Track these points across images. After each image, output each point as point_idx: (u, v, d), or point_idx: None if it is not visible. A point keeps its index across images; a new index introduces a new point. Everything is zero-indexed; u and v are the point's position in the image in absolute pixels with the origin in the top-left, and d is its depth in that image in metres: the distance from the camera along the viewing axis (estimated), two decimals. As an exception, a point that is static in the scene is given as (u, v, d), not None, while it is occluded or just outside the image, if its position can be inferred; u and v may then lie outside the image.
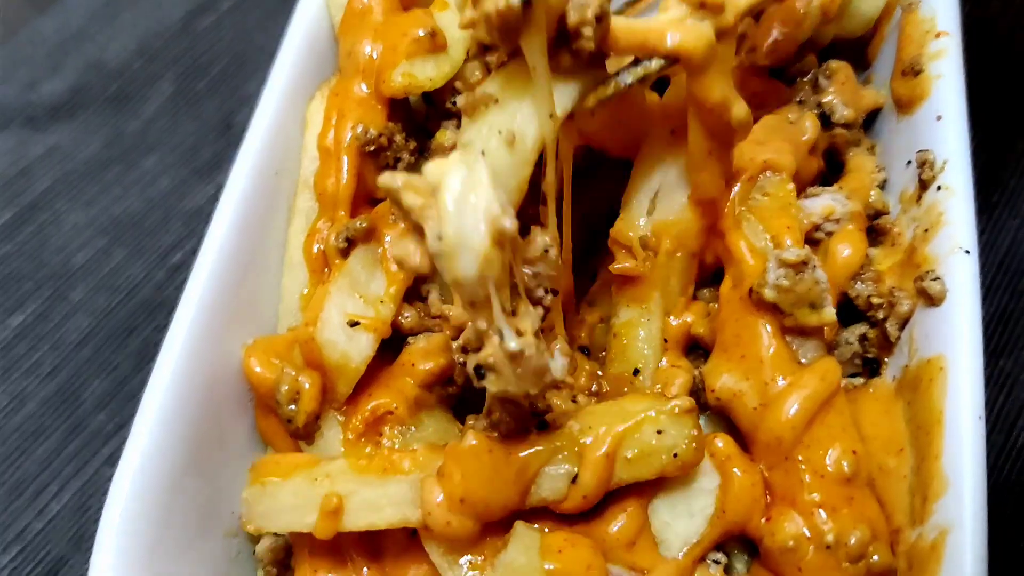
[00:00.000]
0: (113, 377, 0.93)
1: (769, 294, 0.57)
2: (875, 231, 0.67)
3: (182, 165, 1.06)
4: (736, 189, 0.62)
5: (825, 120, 0.69)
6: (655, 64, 0.56)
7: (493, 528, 0.55)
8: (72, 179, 1.05)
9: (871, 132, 0.75)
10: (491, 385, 0.49)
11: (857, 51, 0.78)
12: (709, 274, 0.65)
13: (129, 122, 1.08)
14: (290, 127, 0.71)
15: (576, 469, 0.55)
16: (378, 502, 0.56)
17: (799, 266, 0.56)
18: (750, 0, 0.57)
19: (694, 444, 0.55)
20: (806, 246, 0.59)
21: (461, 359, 0.51)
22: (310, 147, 0.70)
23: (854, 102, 0.71)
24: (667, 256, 0.63)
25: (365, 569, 0.58)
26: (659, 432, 0.56)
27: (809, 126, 0.66)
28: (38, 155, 1.07)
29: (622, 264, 0.63)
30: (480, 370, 0.49)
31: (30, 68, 1.13)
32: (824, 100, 0.69)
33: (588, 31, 0.51)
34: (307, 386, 0.59)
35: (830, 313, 0.57)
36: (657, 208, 0.63)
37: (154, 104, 1.10)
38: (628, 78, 0.56)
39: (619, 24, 0.54)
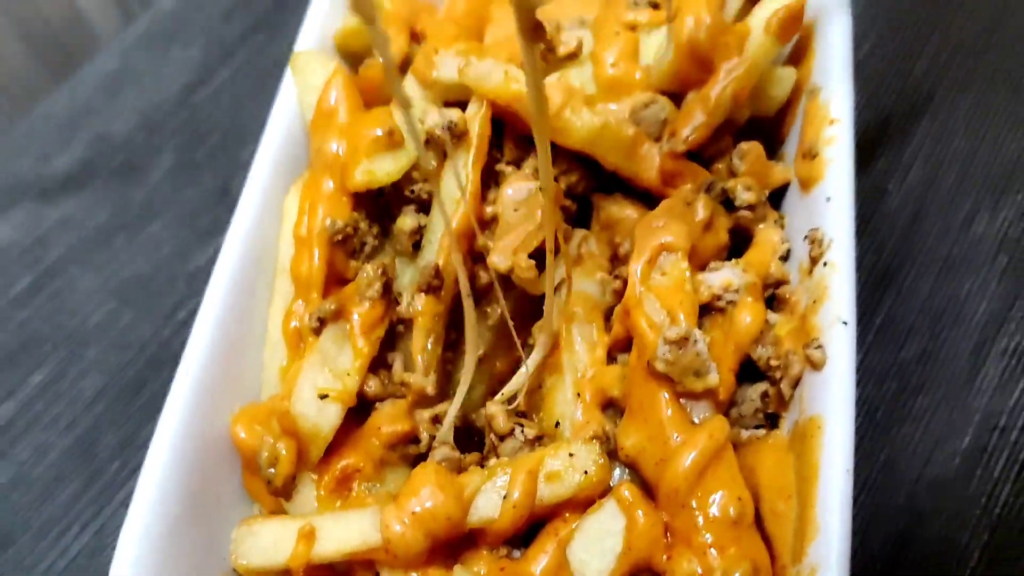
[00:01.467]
0: (125, 429, 1.03)
1: (660, 366, 0.66)
2: (777, 299, 0.77)
3: (184, 229, 1.15)
4: (639, 270, 0.71)
5: (729, 204, 0.78)
6: None
7: (440, 560, 0.65)
8: (84, 246, 1.15)
9: (783, 204, 0.84)
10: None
11: (773, 128, 0.87)
12: (628, 343, 0.75)
13: (134, 191, 1.19)
14: (269, 218, 0.81)
15: (507, 489, 0.66)
16: (345, 530, 0.67)
17: (682, 342, 0.66)
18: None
19: (601, 462, 0.67)
20: (686, 325, 0.68)
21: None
22: (286, 236, 0.80)
23: (762, 180, 0.80)
24: (573, 327, 0.73)
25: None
26: (571, 455, 0.68)
27: (701, 208, 0.76)
28: (52, 225, 1.17)
29: (540, 339, 0.74)
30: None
31: (42, 143, 1.23)
32: (728, 186, 0.78)
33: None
34: (284, 452, 0.69)
35: (714, 379, 0.67)
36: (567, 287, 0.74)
37: (157, 174, 1.20)
38: None
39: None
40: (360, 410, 0.75)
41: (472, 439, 0.80)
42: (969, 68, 1.11)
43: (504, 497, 0.66)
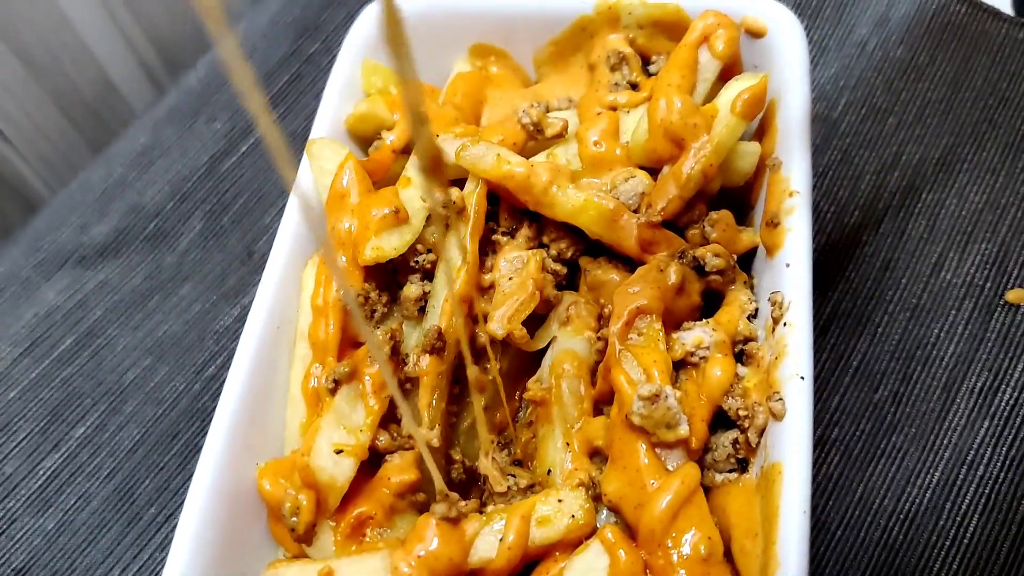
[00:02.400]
0: (161, 476, 1.11)
1: (636, 419, 0.75)
2: (745, 354, 0.85)
3: (212, 291, 1.25)
4: (617, 331, 0.80)
5: (701, 269, 0.87)
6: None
7: None
8: (120, 308, 1.25)
9: (753, 266, 0.92)
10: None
11: (742, 196, 0.96)
12: (611, 396, 0.83)
13: (166, 256, 1.28)
14: (288, 289, 0.90)
15: (503, 533, 0.75)
16: (359, 572, 0.75)
17: (654, 398, 0.74)
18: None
19: (587, 507, 0.76)
20: (657, 382, 0.76)
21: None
22: (305, 305, 0.89)
23: (731, 246, 0.89)
24: (562, 382, 0.82)
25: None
26: (560, 500, 0.76)
27: (673, 274, 0.84)
28: (91, 289, 1.26)
29: (532, 391, 0.83)
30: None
31: (81, 214, 1.33)
32: (698, 254, 0.87)
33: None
34: (304, 502, 0.78)
35: (684, 430, 0.75)
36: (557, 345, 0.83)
37: (186, 239, 1.30)
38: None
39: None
40: (372, 462, 0.84)
41: (475, 483, 0.89)
42: (937, 124, 1.19)
43: (500, 540, 0.74)
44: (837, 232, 1.14)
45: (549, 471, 0.83)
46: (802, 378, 0.76)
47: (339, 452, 0.79)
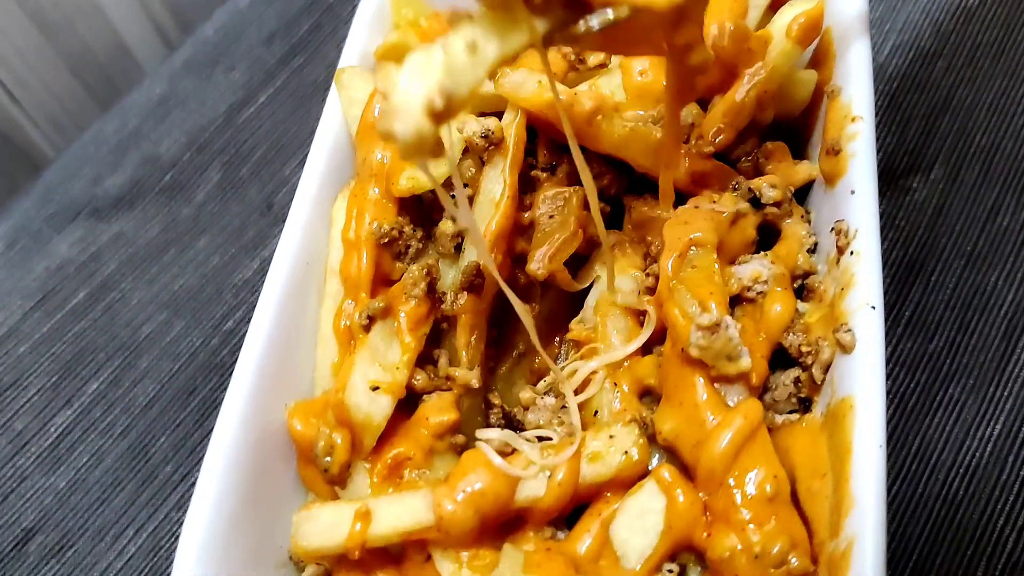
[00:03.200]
0: (177, 434, 1.07)
1: (694, 352, 0.69)
2: (806, 289, 0.80)
3: (230, 244, 1.20)
4: (670, 265, 0.75)
5: (756, 202, 0.81)
6: (623, 12, 0.61)
7: (488, 540, 0.69)
8: (135, 261, 1.21)
9: (809, 200, 0.87)
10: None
11: (798, 128, 0.91)
12: (662, 335, 0.78)
13: (183, 208, 1.24)
14: (318, 225, 0.85)
15: (552, 470, 0.70)
16: (400, 510, 0.71)
17: (714, 327, 0.69)
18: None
19: (641, 442, 0.71)
20: (716, 312, 0.71)
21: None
22: (335, 240, 0.85)
23: (787, 178, 0.83)
24: (608, 320, 0.78)
25: (391, 586, 0.72)
26: (611, 436, 0.72)
27: (727, 205, 0.79)
28: (105, 242, 1.22)
29: (575, 331, 0.80)
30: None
31: (94, 166, 1.29)
32: (753, 185, 0.81)
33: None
34: (339, 441, 0.73)
35: (746, 362, 0.70)
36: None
37: (204, 191, 1.25)
38: (595, 21, 0.62)
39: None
40: (408, 403, 0.79)
41: (515, 430, 0.84)
42: (989, 66, 1.13)
43: (549, 476, 0.69)
44: (886, 179, 1.08)
45: (596, 412, 0.78)
46: (873, 308, 0.71)
47: (375, 389, 0.74)
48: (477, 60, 0.60)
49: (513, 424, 0.84)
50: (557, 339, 0.89)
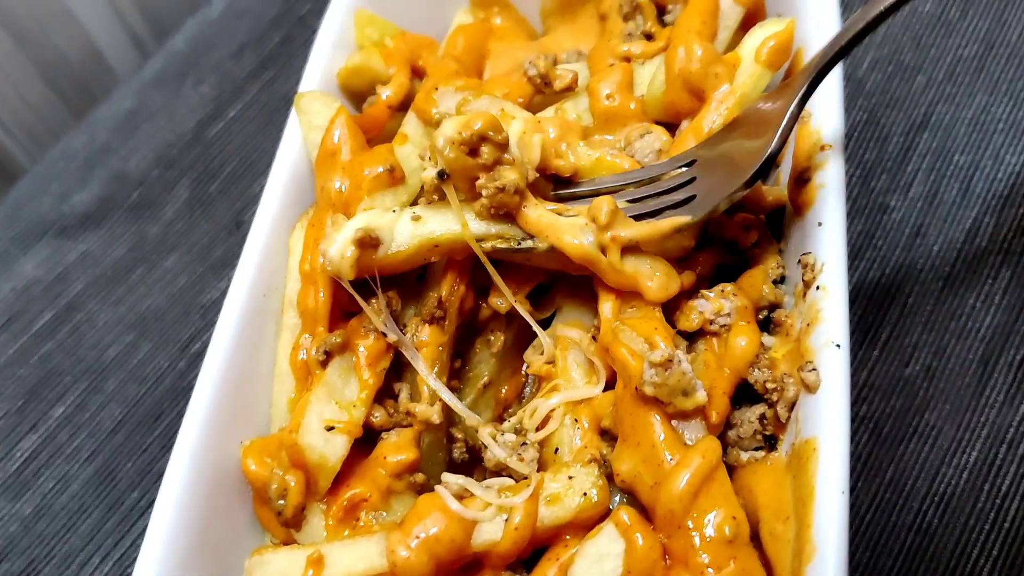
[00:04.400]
0: (144, 459, 1.05)
1: (648, 389, 0.68)
2: (772, 321, 0.78)
3: (198, 263, 1.18)
4: (608, 309, 0.74)
5: (734, 247, 0.80)
6: (543, 246, 0.74)
7: None
8: (102, 281, 1.18)
9: (780, 226, 0.85)
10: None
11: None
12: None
13: (150, 226, 1.22)
14: (276, 254, 0.83)
15: (509, 512, 0.69)
16: (352, 556, 0.69)
17: (666, 363, 0.67)
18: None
19: (600, 484, 0.69)
20: (670, 347, 0.69)
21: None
22: (293, 271, 0.82)
23: (757, 203, 0.81)
24: (567, 354, 0.76)
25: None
26: (570, 477, 0.70)
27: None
28: (72, 261, 1.20)
29: (536, 367, 0.78)
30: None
31: (62, 182, 1.27)
32: (727, 236, 0.80)
33: (485, 198, 0.69)
34: (292, 484, 0.71)
35: (702, 396, 0.68)
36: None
37: (172, 208, 1.23)
38: (526, 244, 0.74)
39: (530, 211, 0.67)
40: (367, 440, 0.77)
41: (478, 463, 0.82)
42: (969, 82, 1.11)
43: (507, 520, 0.67)
44: (863, 197, 1.07)
45: (556, 450, 0.76)
46: (838, 346, 0.69)
47: (330, 429, 0.73)
48: (416, 228, 0.76)
49: (478, 457, 0.83)
50: (524, 368, 0.87)
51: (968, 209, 1.04)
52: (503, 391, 0.87)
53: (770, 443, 0.74)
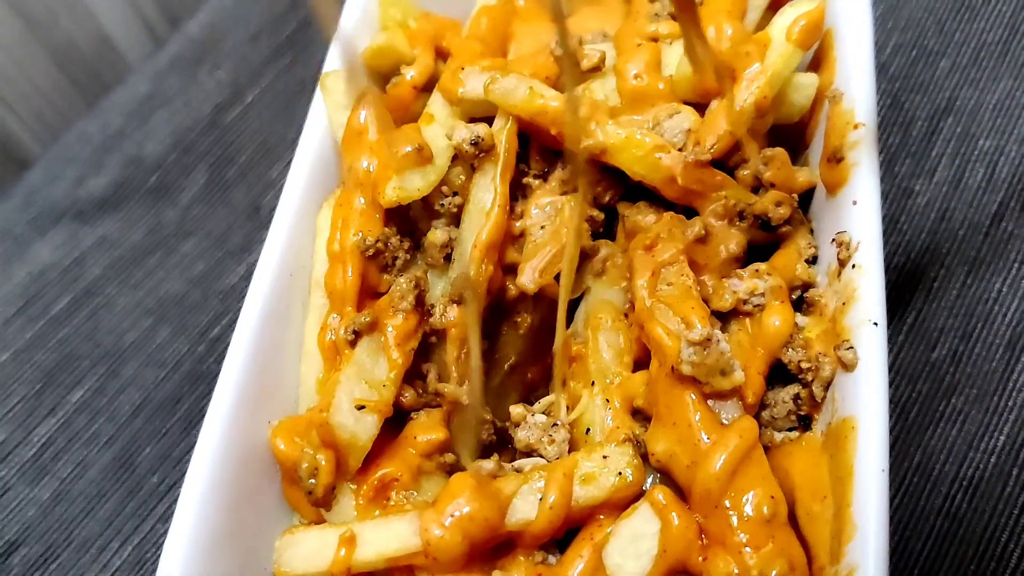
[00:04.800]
0: (163, 443, 1.05)
1: (686, 369, 0.67)
2: (805, 302, 0.77)
3: (216, 248, 1.17)
4: (644, 284, 0.73)
5: (767, 225, 0.79)
6: None
7: (477, 566, 0.67)
8: (120, 265, 1.17)
9: (810, 208, 0.84)
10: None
11: (797, 133, 0.88)
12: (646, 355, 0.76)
13: (168, 211, 1.21)
14: (302, 235, 0.83)
15: (544, 491, 0.68)
16: (385, 535, 0.69)
17: (704, 342, 0.66)
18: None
19: (635, 463, 0.69)
20: (708, 327, 0.69)
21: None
22: (320, 252, 0.82)
23: (787, 186, 0.81)
24: (599, 335, 0.75)
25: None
26: (605, 457, 0.69)
27: (697, 226, 0.78)
28: (89, 246, 1.19)
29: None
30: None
31: (78, 166, 1.26)
32: (759, 210, 0.78)
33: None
34: (323, 463, 0.70)
35: (739, 376, 0.68)
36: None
37: (189, 193, 1.22)
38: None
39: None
40: (396, 421, 0.77)
41: (506, 445, 0.81)
42: (994, 67, 1.11)
43: (541, 499, 0.67)
44: (887, 182, 1.06)
45: (588, 430, 0.75)
46: (875, 324, 0.68)
47: (361, 408, 0.72)
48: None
49: (505, 439, 0.82)
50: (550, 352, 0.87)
51: (993, 194, 1.03)
52: (529, 373, 0.86)
53: (804, 423, 0.73)
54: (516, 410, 0.78)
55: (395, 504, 0.72)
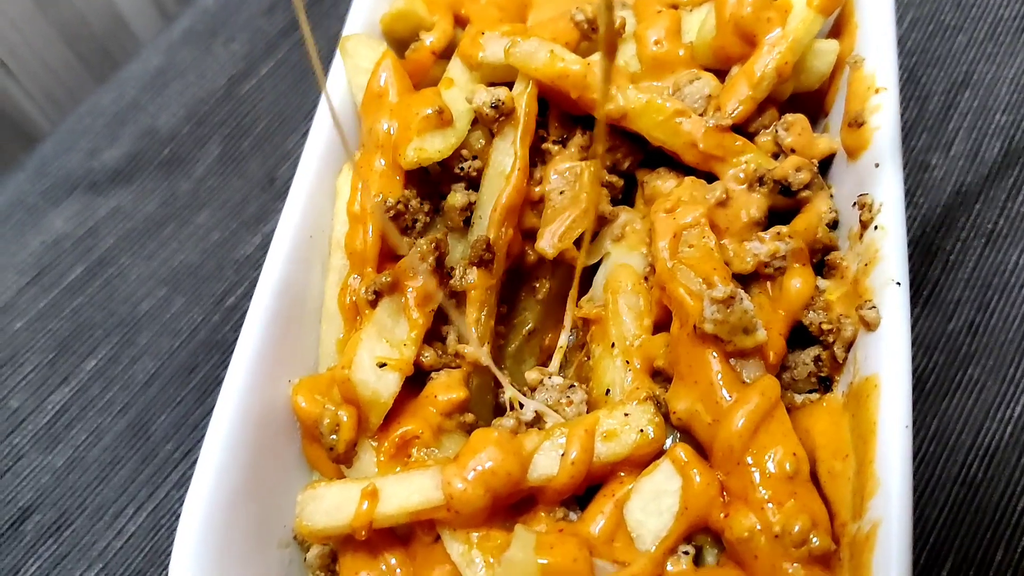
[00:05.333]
0: (178, 411, 1.05)
1: (709, 327, 0.67)
2: (826, 265, 0.77)
3: (231, 219, 1.17)
4: (665, 246, 0.73)
5: (788, 191, 0.79)
6: None
7: (499, 521, 0.67)
8: (134, 236, 1.17)
9: (829, 174, 0.84)
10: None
11: (816, 101, 0.88)
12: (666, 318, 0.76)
13: (182, 183, 1.21)
14: (321, 197, 0.83)
15: (566, 447, 0.68)
16: (407, 489, 0.69)
17: (728, 300, 0.66)
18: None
19: (657, 420, 0.69)
20: (732, 283, 0.69)
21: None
22: (340, 213, 0.82)
23: (807, 152, 0.81)
24: (619, 297, 0.76)
25: (398, 571, 0.69)
26: (626, 414, 0.69)
27: (718, 190, 0.78)
28: (102, 216, 1.19)
29: (585, 309, 0.78)
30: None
31: (91, 138, 1.26)
32: (779, 175, 0.78)
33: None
34: (345, 419, 0.70)
35: (762, 334, 0.68)
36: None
37: (203, 165, 1.22)
38: None
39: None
40: (416, 381, 0.77)
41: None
42: (1011, 42, 1.11)
43: (563, 455, 0.67)
44: (904, 155, 1.05)
45: (608, 391, 0.75)
46: (898, 284, 0.68)
47: (382, 366, 0.72)
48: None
49: (522, 403, 0.82)
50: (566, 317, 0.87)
51: (1010, 168, 1.03)
52: (547, 339, 0.86)
53: (825, 385, 0.73)
54: (531, 375, 0.78)
55: (416, 460, 0.72)
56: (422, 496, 0.66)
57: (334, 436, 0.71)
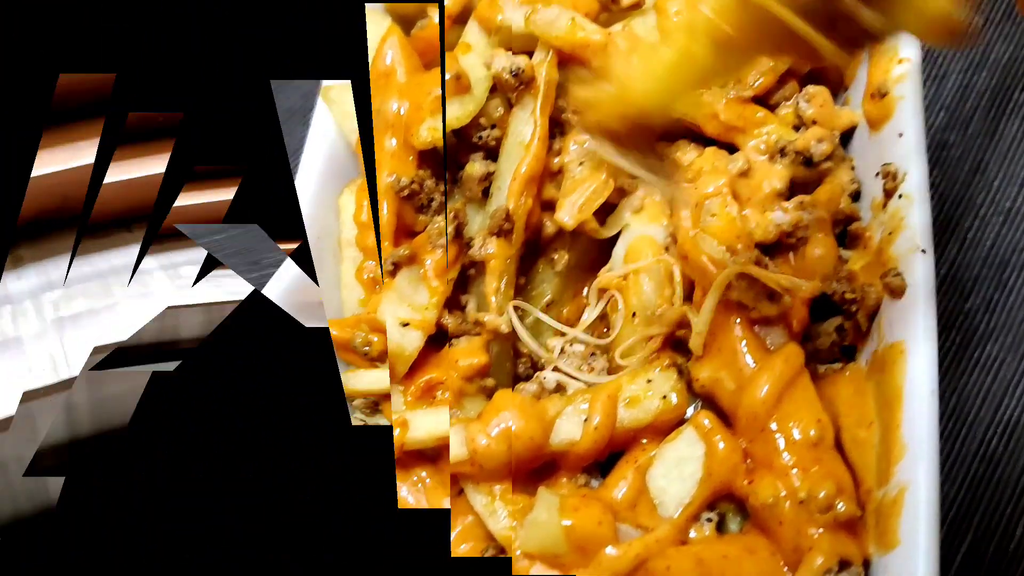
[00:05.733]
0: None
1: (734, 293, 0.67)
2: (849, 236, 0.77)
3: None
4: (687, 215, 0.74)
5: (809, 162, 0.78)
6: None
7: (520, 487, 0.68)
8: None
9: (849, 148, 0.84)
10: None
11: (836, 74, 0.87)
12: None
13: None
14: (325, 211, 0.84)
15: (588, 412, 0.69)
16: (435, 420, 0.70)
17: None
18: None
19: (680, 386, 0.69)
20: (755, 250, 0.69)
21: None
22: (348, 223, 0.83)
23: (828, 124, 0.80)
24: (639, 269, 0.77)
25: (428, 480, 0.72)
26: (649, 381, 0.70)
27: (740, 160, 0.77)
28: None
29: (606, 281, 0.79)
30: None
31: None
32: (801, 147, 0.78)
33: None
34: (375, 340, 0.74)
35: (787, 300, 0.68)
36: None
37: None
38: None
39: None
40: (437, 343, 0.77)
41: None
42: (1029, 23, 1.10)
43: (585, 420, 0.67)
44: (922, 133, 1.05)
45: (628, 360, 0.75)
46: (923, 251, 0.68)
47: (405, 325, 0.73)
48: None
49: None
50: (586, 288, 0.86)
51: (1029, 146, 1.03)
52: (565, 311, 0.86)
53: (847, 355, 0.73)
54: (554, 342, 0.78)
55: (441, 400, 0.73)
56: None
57: (367, 348, 0.74)
